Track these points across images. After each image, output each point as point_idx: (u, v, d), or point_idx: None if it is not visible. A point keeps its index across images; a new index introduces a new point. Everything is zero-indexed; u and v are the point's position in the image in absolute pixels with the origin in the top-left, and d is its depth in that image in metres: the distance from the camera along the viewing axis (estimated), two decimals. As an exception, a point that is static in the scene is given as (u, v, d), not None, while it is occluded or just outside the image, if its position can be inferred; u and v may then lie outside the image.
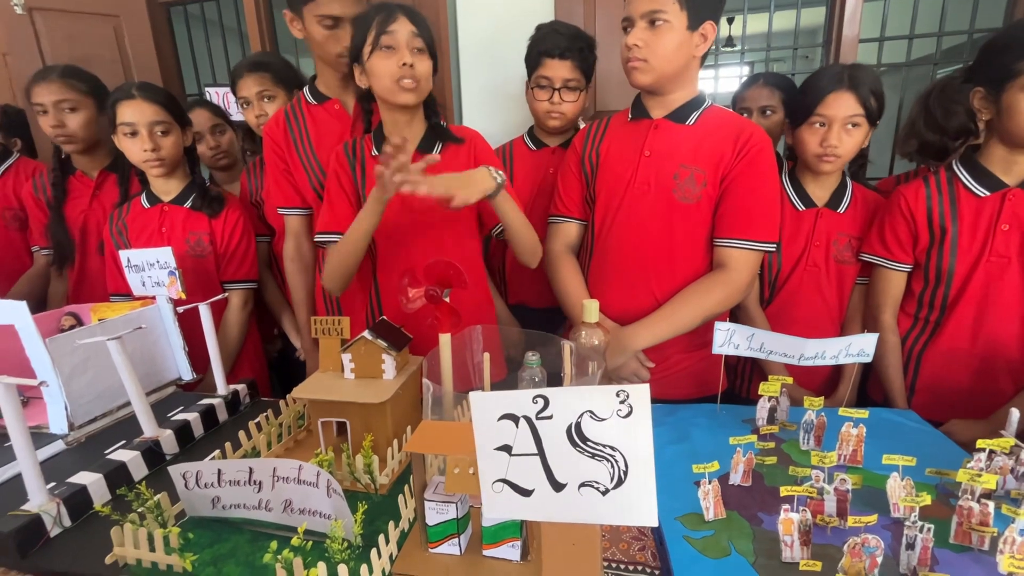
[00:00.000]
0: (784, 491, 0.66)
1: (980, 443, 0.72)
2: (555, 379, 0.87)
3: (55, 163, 1.54)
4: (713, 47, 1.37)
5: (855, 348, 0.94)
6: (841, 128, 1.14)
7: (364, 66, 1.05)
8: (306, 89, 1.32)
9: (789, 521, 0.63)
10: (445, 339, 0.83)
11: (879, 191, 1.31)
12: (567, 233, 1.26)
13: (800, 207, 1.25)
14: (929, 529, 0.60)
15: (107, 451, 0.89)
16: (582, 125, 1.47)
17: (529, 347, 0.91)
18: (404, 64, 1.01)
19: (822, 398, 0.86)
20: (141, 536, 0.65)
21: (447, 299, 0.86)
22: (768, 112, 1.47)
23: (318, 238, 1.15)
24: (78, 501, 0.75)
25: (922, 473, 0.76)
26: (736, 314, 1.28)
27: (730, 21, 4.78)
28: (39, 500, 0.71)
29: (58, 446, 0.94)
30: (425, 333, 0.98)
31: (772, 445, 0.87)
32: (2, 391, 0.68)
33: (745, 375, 1.35)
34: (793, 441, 0.90)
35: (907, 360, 1.19)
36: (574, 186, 1.24)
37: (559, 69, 1.35)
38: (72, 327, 1.17)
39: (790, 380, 0.93)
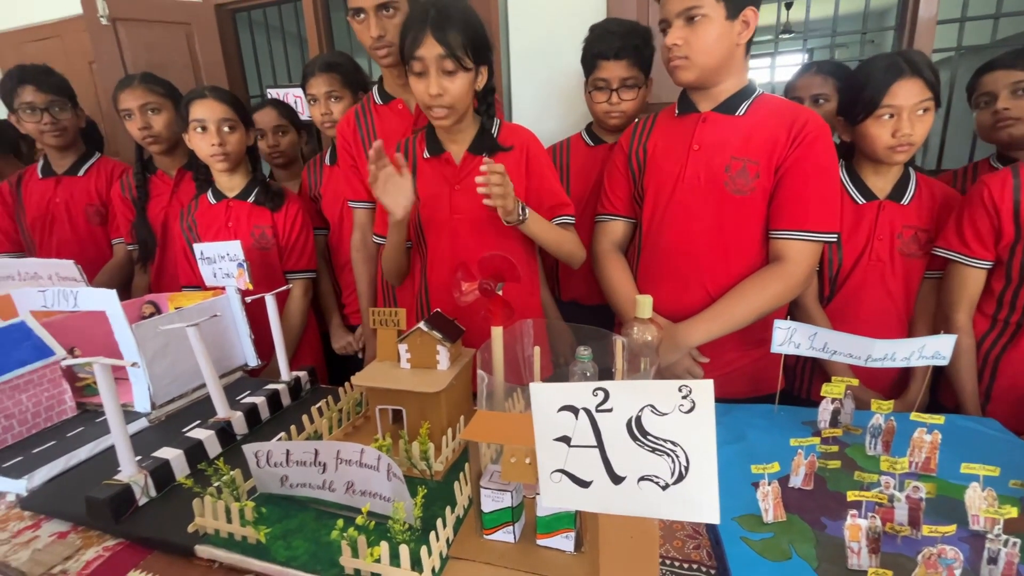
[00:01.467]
0: (851, 495, 0.63)
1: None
2: (606, 375, 0.87)
3: (138, 165, 1.65)
4: (771, 35, 1.32)
5: (929, 350, 0.88)
6: (912, 115, 1.08)
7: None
8: (374, 89, 1.38)
9: (856, 527, 0.60)
10: (497, 332, 0.85)
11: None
12: (614, 231, 1.26)
13: (860, 200, 1.19)
14: (1015, 544, 0.57)
15: (185, 429, 0.96)
16: None
17: (580, 342, 0.91)
18: (432, 95, 1.02)
19: (892, 401, 0.82)
20: (219, 508, 0.70)
21: (500, 292, 0.87)
22: (821, 101, 1.42)
23: (374, 239, 1.26)
24: (162, 474, 0.81)
25: (1005, 485, 0.72)
26: (794, 312, 1.23)
27: (788, 6, 4.56)
28: (130, 471, 0.78)
29: (141, 423, 1.02)
30: (476, 326, 1.00)
31: (835, 449, 0.84)
32: (99, 371, 0.75)
33: (804, 376, 1.30)
34: (858, 446, 0.86)
35: (982, 364, 1.12)
36: (621, 184, 1.24)
37: (615, 69, 1.34)
38: (152, 315, 1.26)
39: (856, 382, 0.89)
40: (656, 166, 1.16)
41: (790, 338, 0.94)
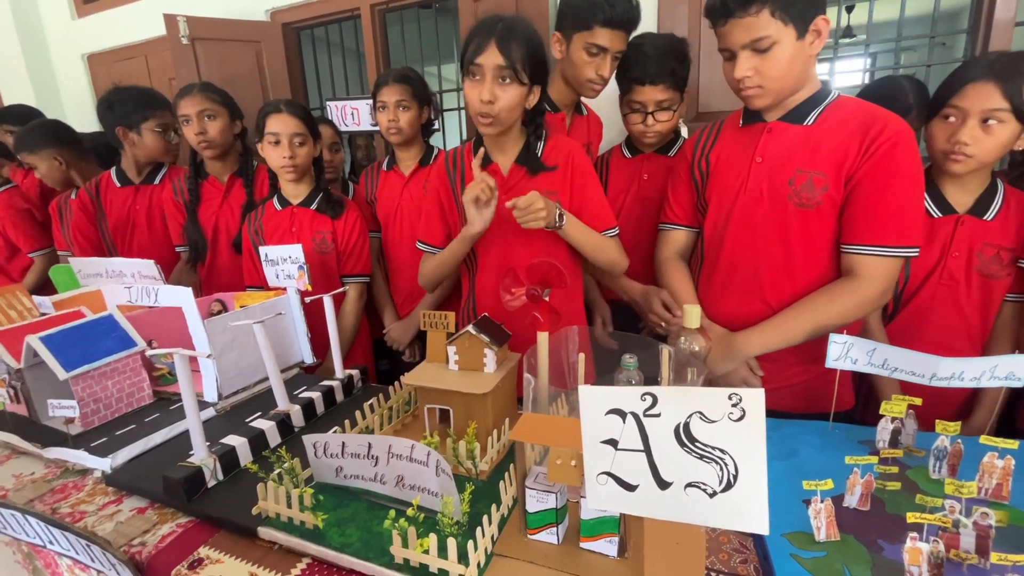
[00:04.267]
0: (911, 517, 0.61)
1: None
2: (651, 383, 0.87)
3: (191, 170, 1.75)
4: (829, 40, 1.28)
5: (1003, 370, 0.83)
6: (977, 123, 1.01)
7: None
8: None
9: (917, 551, 0.58)
10: (543, 337, 0.86)
11: None
12: (676, 240, 1.25)
13: (936, 214, 1.12)
14: (1097, 579, 0.53)
15: (248, 419, 1.02)
16: (684, 131, 1.44)
17: (626, 351, 0.92)
18: (483, 101, 1.05)
19: (959, 424, 0.78)
20: (280, 493, 0.74)
21: (547, 299, 0.89)
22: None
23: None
24: (229, 459, 0.88)
25: (1088, 518, 0.67)
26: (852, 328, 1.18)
27: (849, 9, 4.38)
28: (201, 455, 0.84)
29: (208, 413, 1.10)
30: (522, 332, 1.03)
31: (895, 470, 0.80)
32: (178, 361, 0.81)
33: (860, 395, 1.24)
34: (921, 468, 0.82)
35: None
36: (684, 193, 1.22)
37: (650, 93, 1.33)
38: (219, 312, 1.35)
39: (918, 401, 0.84)
40: (718, 178, 1.14)
41: (846, 353, 0.91)
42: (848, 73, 4.10)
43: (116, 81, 2.74)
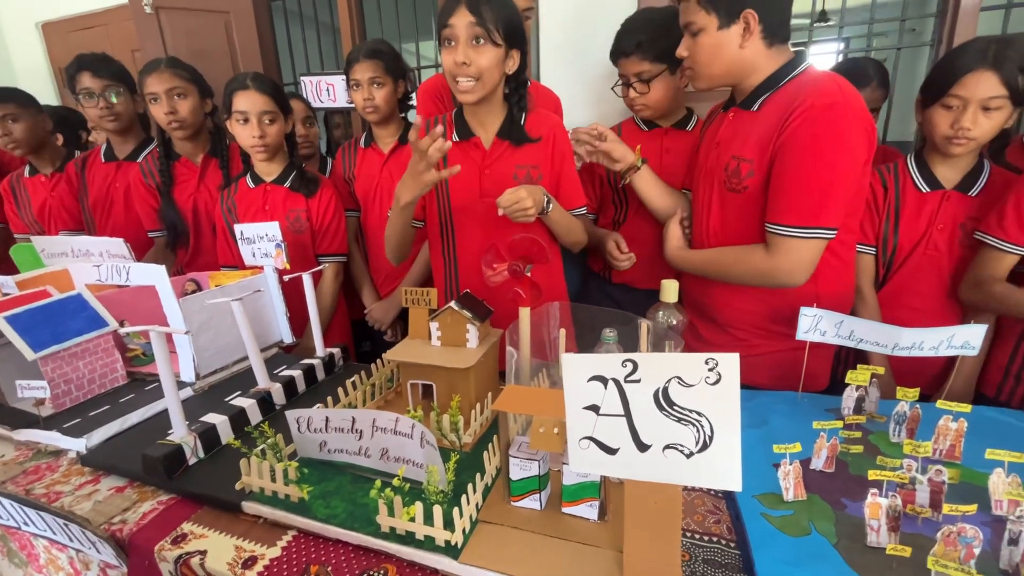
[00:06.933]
0: (872, 475, 0.64)
1: (1104, 445, 0.66)
2: (630, 357, 0.89)
3: (161, 150, 1.67)
4: (805, 23, 1.30)
5: (959, 340, 0.88)
6: (977, 110, 1.05)
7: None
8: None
9: (877, 505, 0.62)
10: (525, 312, 0.87)
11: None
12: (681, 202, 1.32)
13: (925, 189, 1.18)
14: (1037, 526, 0.57)
15: (227, 398, 1.01)
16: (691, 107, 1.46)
17: (606, 325, 0.94)
18: (458, 63, 1.04)
19: (917, 389, 0.82)
20: (264, 468, 0.74)
21: (528, 274, 0.90)
22: None
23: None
24: (209, 437, 0.87)
25: (1031, 474, 0.72)
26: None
27: (824, -6, 4.42)
28: (181, 432, 0.83)
29: (186, 392, 1.08)
30: (503, 308, 1.04)
31: (859, 435, 0.84)
32: (155, 338, 0.80)
33: (850, 364, 1.29)
34: (882, 433, 0.87)
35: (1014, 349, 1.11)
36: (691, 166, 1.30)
37: (627, 66, 1.36)
38: (194, 291, 1.32)
39: (881, 370, 0.89)
40: (697, 159, 1.21)
41: (816, 325, 0.95)
42: (822, 56, 4.17)
43: (74, 53, 2.61)
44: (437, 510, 0.64)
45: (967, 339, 0.88)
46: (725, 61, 1.02)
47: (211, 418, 0.90)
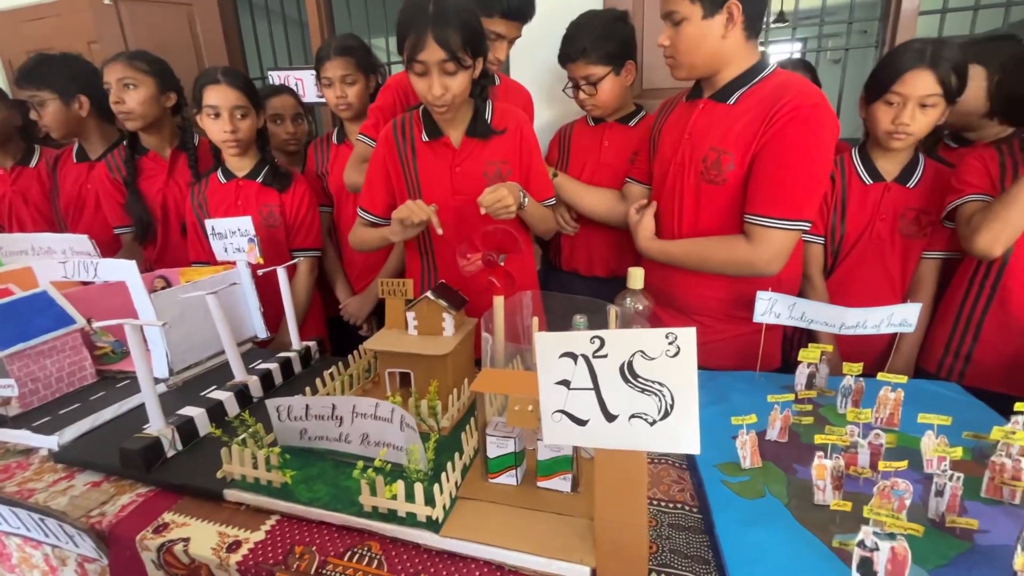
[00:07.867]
0: (818, 439, 0.70)
1: (1018, 406, 0.74)
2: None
3: (127, 142, 1.64)
4: (764, 22, 1.36)
5: (897, 318, 0.96)
6: (915, 107, 1.14)
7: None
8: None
9: (822, 467, 0.68)
10: (499, 301, 0.91)
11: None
12: (632, 194, 1.37)
13: (868, 181, 1.27)
14: (958, 478, 0.64)
15: (204, 392, 1.02)
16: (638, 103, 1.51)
17: (577, 312, 0.98)
18: (435, 96, 1.07)
19: (861, 364, 0.89)
20: (246, 456, 0.76)
21: (502, 263, 0.94)
22: None
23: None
24: (187, 430, 0.87)
25: (958, 437, 0.79)
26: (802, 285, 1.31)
27: (782, -5, 4.59)
28: (158, 425, 0.84)
29: (160, 388, 1.08)
30: (477, 299, 1.07)
31: (810, 408, 0.91)
32: (129, 331, 0.80)
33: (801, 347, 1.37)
34: (831, 406, 0.94)
35: (965, 327, 1.20)
36: (644, 158, 1.33)
37: (573, 70, 1.42)
38: (163, 288, 1.31)
39: (830, 348, 0.96)
40: (659, 150, 1.23)
41: (771, 308, 1.01)
42: (780, 55, 4.34)
43: (25, 44, 2.50)
44: (418, 487, 0.67)
45: (904, 317, 0.96)
46: (707, 51, 1.05)
47: (188, 411, 0.90)
